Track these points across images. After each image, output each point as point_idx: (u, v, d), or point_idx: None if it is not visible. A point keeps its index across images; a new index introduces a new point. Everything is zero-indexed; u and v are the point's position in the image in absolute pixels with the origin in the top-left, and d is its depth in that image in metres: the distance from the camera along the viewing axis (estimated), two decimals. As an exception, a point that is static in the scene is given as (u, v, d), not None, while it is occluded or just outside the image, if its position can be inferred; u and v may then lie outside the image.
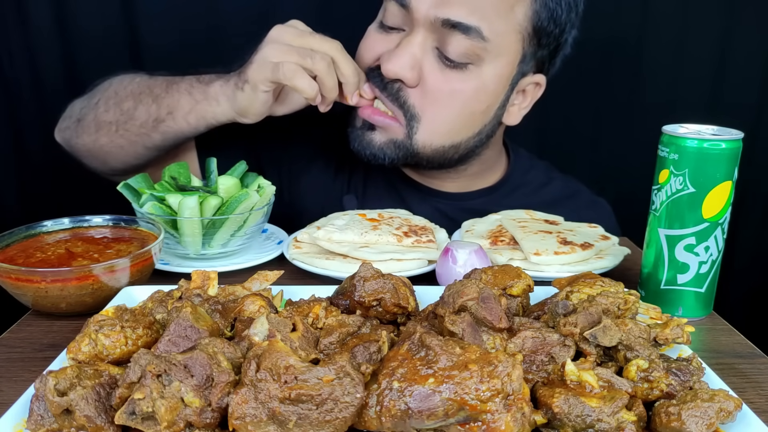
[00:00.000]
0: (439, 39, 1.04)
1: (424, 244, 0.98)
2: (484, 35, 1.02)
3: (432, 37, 1.04)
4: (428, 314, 0.69)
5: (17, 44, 1.58)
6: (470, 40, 1.02)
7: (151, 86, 1.11)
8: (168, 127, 1.08)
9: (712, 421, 0.54)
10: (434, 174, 1.22)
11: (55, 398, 0.53)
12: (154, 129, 1.09)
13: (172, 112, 1.07)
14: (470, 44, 1.02)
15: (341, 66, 1.00)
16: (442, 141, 1.11)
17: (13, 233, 0.89)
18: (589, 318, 0.64)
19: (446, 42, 1.03)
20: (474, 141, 1.14)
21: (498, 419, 0.51)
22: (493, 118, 1.13)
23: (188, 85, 1.07)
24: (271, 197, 1.02)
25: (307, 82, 0.97)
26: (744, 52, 1.73)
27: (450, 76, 1.05)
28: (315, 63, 0.97)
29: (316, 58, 0.97)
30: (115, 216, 0.96)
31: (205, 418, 0.52)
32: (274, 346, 0.53)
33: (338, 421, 0.51)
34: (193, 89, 1.06)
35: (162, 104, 1.08)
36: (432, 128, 1.09)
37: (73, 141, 1.18)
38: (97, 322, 0.63)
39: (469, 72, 1.05)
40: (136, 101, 1.10)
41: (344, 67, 1.01)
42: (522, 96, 1.16)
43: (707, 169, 0.79)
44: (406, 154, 1.11)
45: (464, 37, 1.02)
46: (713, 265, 0.83)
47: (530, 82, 1.14)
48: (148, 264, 0.86)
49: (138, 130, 1.10)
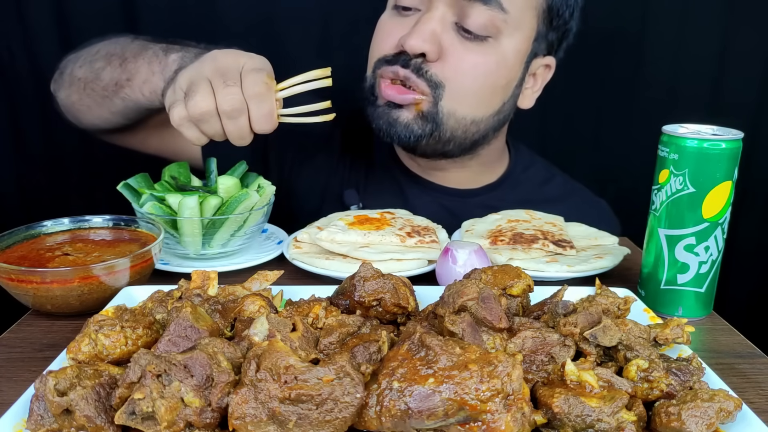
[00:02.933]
0: (458, 13, 1.05)
1: (427, 245, 0.98)
2: (503, 6, 1.04)
3: (451, 12, 1.05)
4: (428, 314, 0.69)
5: (17, 42, 1.58)
6: (491, 11, 1.03)
7: (124, 48, 1.07)
8: (126, 95, 1.05)
9: (712, 421, 0.54)
10: (441, 165, 1.21)
11: (55, 398, 0.53)
12: (114, 93, 1.06)
13: (130, 78, 1.03)
14: (491, 15, 1.04)
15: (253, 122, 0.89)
16: (465, 112, 1.10)
17: (13, 233, 0.89)
18: (589, 318, 0.64)
19: (466, 14, 1.04)
20: (493, 121, 1.14)
21: (498, 419, 0.51)
22: (511, 97, 1.14)
23: (153, 54, 1.02)
24: (271, 197, 1.02)
25: (193, 133, 0.90)
26: (744, 51, 1.73)
27: (471, 48, 1.06)
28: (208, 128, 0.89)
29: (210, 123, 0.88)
30: (115, 216, 0.96)
31: (205, 418, 0.52)
32: (274, 346, 0.53)
33: (338, 421, 0.51)
34: (154, 59, 1.01)
35: (126, 69, 1.04)
36: (455, 96, 1.08)
37: (56, 93, 1.18)
38: (97, 322, 0.63)
39: (489, 45, 1.06)
40: (106, 62, 1.08)
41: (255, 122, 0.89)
42: (533, 79, 1.17)
43: (707, 169, 0.79)
44: (433, 128, 1.10)
45: (485, 8, 1.03)
46: (713, 265, 0.83)
47: (541, 64, 1.16)
48: (148, 264, 0.86)
49: (102, 92, 1.08)
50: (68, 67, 1.14)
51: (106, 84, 1.07)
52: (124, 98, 1.06)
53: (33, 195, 1.70)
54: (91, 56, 1.11)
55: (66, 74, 1.14)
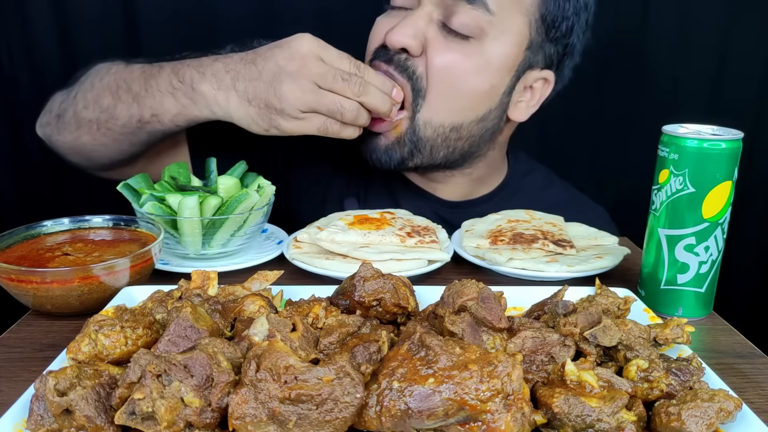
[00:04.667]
0: (444, 12, 1.05)
1: (427, 245, 0.98)
2: (489, 7, 1.03)
3: (438, 11, 1.06)
4: (428, 314, 0.69)
5: (17, 43, 1.58)
6: (475, 11, 1.03)
7: (127, 80, 1.04)
8: (154, 128, 1.04)
9: (712, 421, 0.54)
10: (438, 177, 1.22)
11: (55, 398, 0.53)
12: (139, 129, 1.05)
13: (157, 114, 1.02)
14: (475, 15, 1.03)
15: (370, 102, 0.98)
16: (442, 119, 1.09)
17: (13, 233, 0.89)
18: (589, 318, 0.64)
19: (451, 13, 1.04)
20: (477, 128, 1.13)
21: (498, 419, 0.51)
22: (499, 105, 1.12)
23: (169, 84, 1.00)
24: (271, 197, 1.02)
25: (350, 131, 0.99)
26: (744, 51, 1.73)
27: (452, 46, 1.06)
28: (345, 115, 0.96)
29: (345, 111, 0.96)
30: (115, 216, 0.96)
31: (205, 418, 0.52)
32: (274, 346, 0.53)
33: (338, 421, 0.51)
34: (176, 91, 1.00)
35: (144, 105, 1.02)
36: (434, 101, 1.08)
37: (54, 137, 1.15)
38: (97, 322, 0.63)
39: (472, 45, 1.06)
40: (114, 98, 1.05)
41: (373, 101, 0.98)
42: (530, 93, 1.16)
43: (707, 169, 0.79)
44: (411, 148, 1.10)
45: (470, 7, 1.03)
46: (713, 265, 0.83)
47: (538, 77, 1.14)
48: (148, 264, 0.86)
49: (122, 130, 1.06)
50: (68, 110, 1.10)
51: (126, 122, 1.04)
52: (150, 131, 1.05)
53: (33, 195, 1.70)
54: (91, 94, 1.07)
55: (68, 117, 1.10)
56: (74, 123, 1.10)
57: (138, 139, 1.07)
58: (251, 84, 0.96)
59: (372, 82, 0.98)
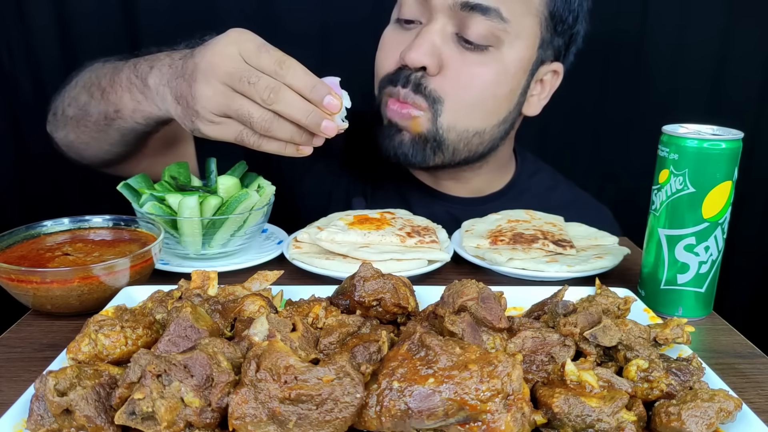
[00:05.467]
0: (458, 24, 1.05)
1: (427, 245, 0.98)
2: (503, 16, 1.03)
3: (451, 23, 1.05)
4: (428, 314, 0.69)
5: (16, 41, 1.58)
6: (490, 21, 1.03)
7: (99, 76, 1.02)
8: (120, 126, 1.01)
9: (712, 421, 0.54)
10: (449, 175, 1.22)
11: (55, 398, 0.53)
12: (107, 126, 1.02)
13: (119, 110, 0.98)
14: (490, 25, 1.04)
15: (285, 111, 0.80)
16: (466, 124, 1.10)
17: (13, 233, 0.89)
18: (589, 318, 0.64)
19: (466, 25, 1.04)
20: (498, 131, 1.14)
21: (498, 419, 0.51)
22: (516, 105, 1.14)
23: (127, 80, 0.95)
24: (271, 197, 1.02)
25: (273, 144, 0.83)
26: (744, 51, 1.73)
27: (470, 59, 1.06)
28: (254, 125, 0.80)
29: (253, 120, 0.80)
30: (115, 216, 0.96)
31: (205, 418, 0.52)
32: (274, 346, 0.53)
33: (338, 421, 0.51)
34: (132, 86, 0.94)
35: (109, 101, 0.98)
36: (456, 109, 1.08)
37: (53, 135, 1.16)
38: (97, 322, 0.63)
39: (490, 55, 1.06)
40: (88, 95, 1.03)
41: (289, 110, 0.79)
42: (541, 86, 1.17)
43: (707, 169, 0.79)
44: (434, 146, 1.11)
45: (484, 18, 1.03)
46: (713, 265, 0.83)
47: (548, 71, 1.16)
48: (148, 264, 0.86)
49: (94, 127, 1.04)
50: (59, 108, 1.11)
51: (96, 119, 1.02)
52: (119, 129, 1.02)
53: (33, 195, 1.70)
54: (74, 91, 1.07)
55: (59, 115, 1.11)
56: (62, 121, 1.11)
57: (111, 137, 1.04)
58: (177, 81, 0.85)
59: (295, 85, 0.79)
